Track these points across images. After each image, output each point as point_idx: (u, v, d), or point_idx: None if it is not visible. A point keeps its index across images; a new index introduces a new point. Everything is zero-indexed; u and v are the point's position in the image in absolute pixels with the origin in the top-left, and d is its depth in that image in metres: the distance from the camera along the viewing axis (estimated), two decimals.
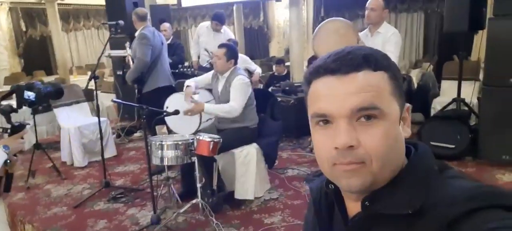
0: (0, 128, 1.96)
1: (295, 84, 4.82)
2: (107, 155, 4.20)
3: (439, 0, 6.68)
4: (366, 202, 0.61)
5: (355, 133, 0.58)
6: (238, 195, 2.99)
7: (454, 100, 3.90)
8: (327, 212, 0.70)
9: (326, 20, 3.11)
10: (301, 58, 6.00)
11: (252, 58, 5.19)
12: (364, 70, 0.59)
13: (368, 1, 3.18)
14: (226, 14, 10.75)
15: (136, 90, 3.78)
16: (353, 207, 0.65)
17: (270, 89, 4.87)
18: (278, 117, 3.23)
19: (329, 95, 0.59)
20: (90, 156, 4.26)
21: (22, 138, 1.62)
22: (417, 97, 4.92)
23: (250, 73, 4.37)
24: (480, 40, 6.12)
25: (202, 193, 2.67)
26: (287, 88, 4.53)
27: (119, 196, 3.31)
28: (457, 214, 0.53)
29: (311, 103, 0.63)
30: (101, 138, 3.49)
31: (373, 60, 0.60)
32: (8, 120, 1.75)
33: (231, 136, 2.91)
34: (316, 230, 0.71)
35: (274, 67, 6.15)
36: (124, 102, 2.70)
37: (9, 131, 1.71)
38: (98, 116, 3.48)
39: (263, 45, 11.00)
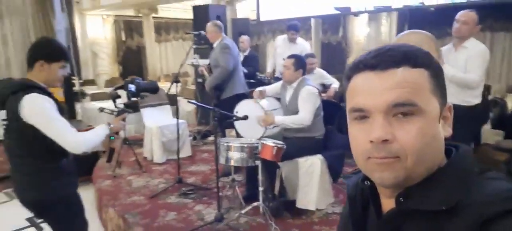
0: (110, 110, 2.65)
1: None
2: (182, 154, 4.54)
3: None
4: (400, 198, 0.61)
5: (391, 128, 0.58)
6: (299, 204, 3.01)
7: None
8: (362, 208, 0.71)
9: (408, 31, 3.01)
10: None
11: (328, 73, 5.19)
12: (403, 66, 0.59)
13: (460, 13, 2.88)
14: (305, 29, 10.89)
15: (215, 97, 4.04)
16: (388, 204, 0.65)
17: (342, 104, 4.80)
18: (346, 130, 3.17)
19: (367, 90, 0.60)
20: (168, 154, 4.63)
21: (123, 120, 2.07)
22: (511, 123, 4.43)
23: (326, 87, 4.38)
24: None
25: (263, 197, 2.75)
26: None
27: (189, 192, 3.56)
28: (492, 214, 0.52)
29: (349, 98, 0.64)
30: (178, 138, 3.80)
31: (413, 57, 0.60)
32: (114, 104, 2.34)
33: (296, 145, 2.96)
34: (349, 226, 0.72)
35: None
36: (198, 104, 2.93)
37: (115, 113, 2.22)
38: (177, 118, 3.80)
39: (341, 60, 10.82)
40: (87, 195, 4.11)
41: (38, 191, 1.84)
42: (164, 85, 9.56)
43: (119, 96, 2.55)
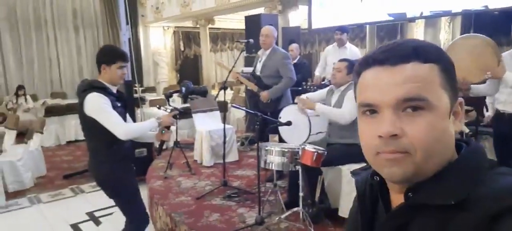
0: (165, 108, 3.20)
1: None
2: (229, 159, 4.67)
3: None
4: (409, 193, 0.61)
5: (400, 122, 0.58)
6: (342, 213, 2.94)
7: None
8: (371, 204, 0.71)
9: (466, 34, 2.85)
10: None
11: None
12: (413, 61, 0.59)
13: None
14: (360, 37, 10.63)
15: (272, 107, 4.01)
16: (397, 199, 0.65)
17: None
18: None
19: (376, 86, 0.61)
20: (216, 158, 4.78)
21: (174, 117, 2.43)
22: None
23: None
24: None
25: (303, 203, 2.73)
26: None
27: (233, 195, 3.64)
28: (502, 208, 0.51)
29: (359, 94, 0.65)
30: (225, 142, 3.91)
31: (422, 52, 0.60)
32: (168, 103, 3.09)
33: (339, 152, 2.91)
34: (358, 222, 0.72)
35: None
36: (240, 107, 3.01)
37: (167, 110, 2.57)
38: (224, 123, 3.93)
39: None
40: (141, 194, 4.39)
41: (99, 169, 2.31)
42: (217, 92, 9.93)
43: (171, 96, 3.05)
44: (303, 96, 3.27)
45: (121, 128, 2.15)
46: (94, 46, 10.82)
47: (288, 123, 3.00)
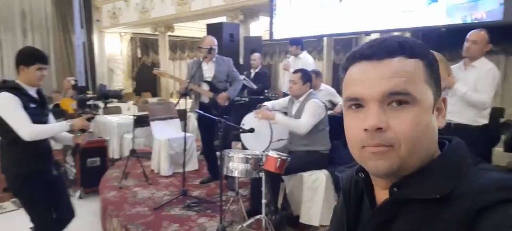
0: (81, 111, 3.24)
1: None
2: (189, 168, 4.56)
3: None
4: (394, 188, 0.61)
5: (385, 116, 0.59)
6: (303, 220, 2.95)
7: None
8: (356, 200, 0.71)
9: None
10: None
11: (339, 93, 5.17)
12: (398, 56, 0.60)
13: (470, 33, 2.84)
14: (318, 49, 10.93)
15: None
16: (382, 195, 0.65)
17: None
18: None
19: (362, 80, 0.61)
20: (174, 167, 4.64)
21: (88, 120, 2.43)
22: None
23: (334, 105, 4.37)
24: None
25: (266, 210, 2.70)
26: None
27: (193, 204, 3.53)
28: (486, 203, 0.52)
29: (345, 88, 0.65)
30: (185, 151, 3.80)
31: (408, 47, 0.60)
32: (83, 106, 2.97)
33: (301, 158, 2.92)
34: (343, 219, 0.72)
35: None
36: (204, 113, 2.94)
37: (80, 113, 2.59)
38: (185, 131, 3.83)
39: None
40: (94, 206, 4.14)
41: (5, 167, 2.29)
42: (175, 101, 9.71)
43: (89, 100, 3.05)
44: (268, 104, 3.27)
45: (25, 128, 2.16)
46: (44, 50, 10.20)
47: (251, 130, 2.98)
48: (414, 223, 0.58)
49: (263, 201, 2.67)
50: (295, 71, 3.12)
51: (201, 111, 3.01)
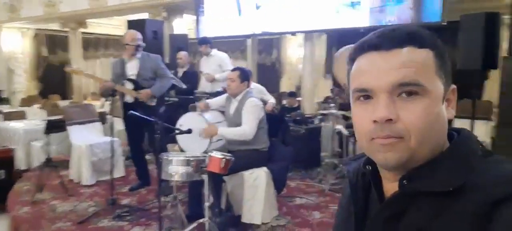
0: None
1: (306, 115, 4.82)
2: (115, 174, 4.21)
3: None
4: (404, 181, 0.59)
5: (395, 108, 0.57)
6: (245, 219, 2.93)
7: None
8: (363, 193, 0.69)
9: (346, 46, 3.17)
10: (313, 92, 6.06)
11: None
12: (408, 46, 0.58)
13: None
14: (241, 49, 11.05)
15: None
16: (391, 188, 0.63)
17: (285, 117, 4.87)
18: (289, 142, 3.21)
19: (371, 71, 0.59)
20: (98, 175, 4.26)
21: None
22: None
23: (264, 103, 4.42)
24: (492, 81, 6.14)
25: (209, 213, 2.62)
26: (298, 118, 4.53)
27: (124, 214, 3.27)
28: (502, 195, 0.51)
29: (353, 79, 0.63)
30: (112, 156, 3.50)
31: (418, 37, 0.59)
32: None
33: (241, 158, 2.89)
34: (350, 212, 0.70)
35: (284, 101, 6.23)
36: (141, 115, 2.73)
37: None
38: (112, 134, 3.52)
39: (275, 81, 11.16)
40: (0, 226, 3.58)
41: None
42: (90, 103, 8.93)
43: None
44: (203, 102, 3.17)
45: None
46: None
47: (189, 131, 2.86)
48: (425, 216, 0.57)
49: (206, 204, 2.58)
50: (234, 69, 3.08)
51: (135, 113, 2.78)
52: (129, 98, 3.71)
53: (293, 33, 5.52)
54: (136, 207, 3.46)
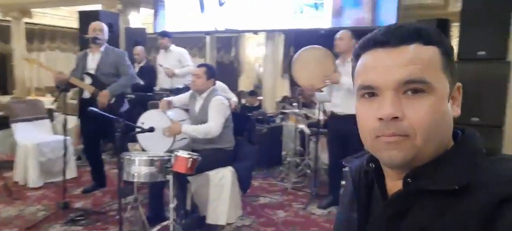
0: None
1: (268, 114, 4.84)
2: (66, 176, 3.92)
3: None
4: (408, 179, 0.59)
5: (401, 105, 0.56)
6: (210, 220, 2.86)
7: None
8: (366, 191, 0.68)
9: (306, 47, 3.20)
10: (274, 91, 6.10)
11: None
12: (414, 43, 0.58)
13: (337, 33, 3.25)
14: (199, 46, 10.85)
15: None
16: (394, 186, 0.62)
17: (250, 115, 4.85)
18: (255, 141, 3.20)
19: (377, 67, 0.59)
20: (46, 176, 3.96)
21: None
22: None
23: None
24: None
25: (174, 215, 2.52)
26: (260, 117, 4.53)
27: (78, 218, 3.06)
28: (507, 194, 0.51)
29: (358, 76, 0.62)
30: (65, 155, 3.25)
31: (425, 34, 0.58)
32: None
33: (206, 157, 2.81)
34: (352, 210, 0.68)
35: (243, 100, 6.20)
36: (102, 112, 2.55)
37: None
38: (65, 133, 3.28)
39: (233, 79, 11.11)
40: None
41: None
42: (35, 98, 8.28)
43: None
44: (166, 99, 3.06)
45: None
46: None
47: (151, 129, 2.73)
48: (429, 215, 0.56)
49: (171, 205, 2.48)
50: (200, 66, 2.99)
51: (95, 109, 2.60)
52: (86, 94, 3.48)
53: (256, 32, 5.50)
54: (91, 210, 3.25)
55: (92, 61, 3.48)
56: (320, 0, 4.87)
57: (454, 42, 3.90)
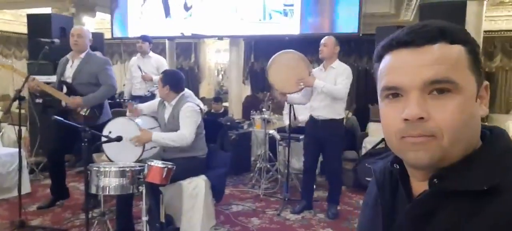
0: None
1: (236, 121, 4.80)
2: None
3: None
4: (435, 180, 0.57)
5: (426, 105, 0.55)
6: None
7: (383, 139, 4.23)
8: (391, 193, 0.66)
9: (280, 51, 3.21)
10: (240, 97, 6.06)
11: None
12: (439, 42, 0.57)
13: (323, 38, 3.27)
14: (157, 51, 10.56)
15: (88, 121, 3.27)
16: (419, 187, 0.61)
17: (222, 121, 4.76)
18: (228, 148, 3.14)
19: (401, 68, 0.57)
20: None
21: None
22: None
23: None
24: None
25: (148, 228, 2.39)
26: (228, 123, 4.47)
27: None
28: None
29: (382, 77, 0.60)
30: (20, 170, 2.99)
31: (449, 33, 0.58)
32: None
33: (179, 166, 2.69)
34: (377, 211, 0.67)
35: (207, 107, 6.12)
36: (66, 121, 2.35)
37: None
38: (19, 145, 3.01)
39: (194, 85, 10.92)
40: None
41: None
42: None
43: None
44: (139, 106, 2.92)
45: None
46: None
47: (119, 138, 2.58)
48: (455, 217, 0.55)
49: (144, 218, 2.34)
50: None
51: (59, 118, 2.40)
52: (63, 103, 3.22)
53: (221, 38, 5.46)
54: (51, 228, 3.01)
55: (70, 68, 3.26)
56: (290, 6, 4.93)
57: None
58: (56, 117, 2.44)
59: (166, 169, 2.27)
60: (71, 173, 4.28)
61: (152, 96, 3.98)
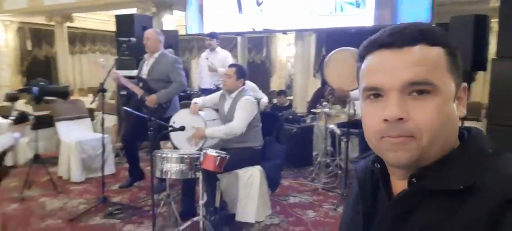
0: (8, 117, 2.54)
1: (298, 114, 4.84)
2: (105, 172, 4.14)
3: None
4: (413, 179, 0.59)
5: (406, 106, 0.57)
6: (239, 218, 2.92)
7: None
8: (371, 191, 0.68)
9: (337, 49, 3.18)
10: (305, 90, 6.08)
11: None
12: (420, 44, 0.58)
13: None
14: (229, 47, 11.01)
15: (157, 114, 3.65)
16: (399, 186, 0.63)
17: (280, 115, 4.88)
18: (284, 140, 3.22)
19: (382, 69, 0.59)
20: (88, 172, 4.19)
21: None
22: None
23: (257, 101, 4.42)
24: (478, 82, 6.27)
25: (204, 211, 2.60)
26: (290, 117, 4.55)
27: (116, 212, 3.23)
28: None
29: (363, 77, 0.62)
30: (103, 153, 3.45)
31: (430, 35, 0.59)
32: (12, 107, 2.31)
33: (235, 156, 2.87)
34: (358, 210, 0.69)
35: (274, 100, 6.24)
36: (134, 111, 2.69)
37: (12, 118, 2.01)
38: (103, 131, 3.46)
39: (265, 79, 11.15)
40: None
41: None
42: (76, 99, 8.75)
43: (17, 98, 2.57)
44: (198, 100, 3.15)
45: None
46: None
47: (182, 128, 2.84)
48: (434, 216, 0.56)
49: (201, 202, 2.56)
50: (231, 66, 3.06)
51: (129, 109, 2.75)
52: (139, 95, 3.64)
53: (284, 32, 5.53)
54: (128, 205, 3.42)
55: (146, 66, 3.68)
56: None
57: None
58: (125, 107, 2.77)
59: (219, 157, 2.44)
60: (147, 158, 4.75)
61: (217, 90, 4.23)
